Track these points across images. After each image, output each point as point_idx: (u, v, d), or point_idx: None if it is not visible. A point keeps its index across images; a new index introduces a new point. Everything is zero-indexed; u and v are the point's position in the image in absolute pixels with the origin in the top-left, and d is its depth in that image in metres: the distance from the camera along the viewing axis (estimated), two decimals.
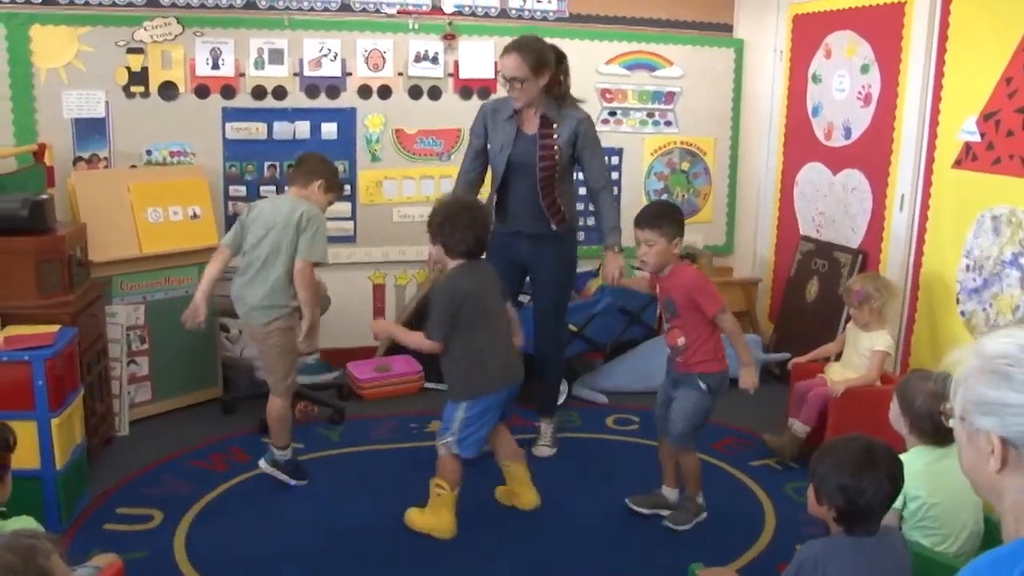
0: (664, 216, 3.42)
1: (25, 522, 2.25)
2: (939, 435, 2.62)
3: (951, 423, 1.33)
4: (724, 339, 3.48)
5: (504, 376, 3.42)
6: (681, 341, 3.45)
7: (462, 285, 3.31)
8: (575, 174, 4.08)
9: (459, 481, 3.44)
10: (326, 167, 3.82)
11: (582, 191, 4.17)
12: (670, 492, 3.62)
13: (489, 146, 3.98)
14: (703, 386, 3.44)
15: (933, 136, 4.34)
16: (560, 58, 3.89)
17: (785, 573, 2.24)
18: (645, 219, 3.42)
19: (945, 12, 4.24)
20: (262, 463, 3.84)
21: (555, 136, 3.83)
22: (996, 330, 1.32)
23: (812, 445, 3.85)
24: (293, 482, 3.81)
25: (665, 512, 3.58)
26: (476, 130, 4.04)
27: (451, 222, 3.33)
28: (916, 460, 2.60)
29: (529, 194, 3.87)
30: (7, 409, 3.21)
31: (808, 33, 5.31)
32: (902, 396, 2.71)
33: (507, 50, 3.79)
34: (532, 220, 3.91)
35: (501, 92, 4.17)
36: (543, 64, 3.77)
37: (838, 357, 4.29)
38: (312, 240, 3.62)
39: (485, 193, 4.20)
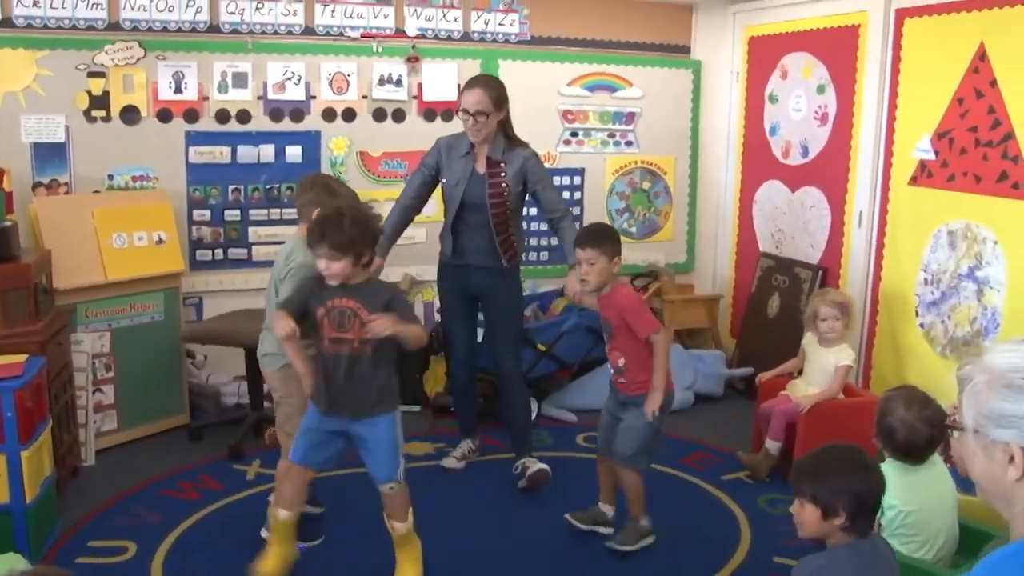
0: (604, 235, 3.47)
1: (12, 559, 2.20)
2: (912, 457, 2.73)
3: (955, 435, 1.39)
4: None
5: None
6: (621, 362, 3.47)
7: None
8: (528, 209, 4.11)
9: None
10: (299, 198, 3.45)
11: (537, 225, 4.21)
12: (607, 508, 3.63)
13: (444, 181, 4.02)
14: None
15: (889, 154, 4.47)
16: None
17: None
18: (586, 239, 3.45)
19: (898, 35, 4.38)
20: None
21: (503, 175, 3.91)
22: (999, 346, 1.38)
23: (785, 461, 3.93)
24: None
25: (603, 529, 3.58)
26: (428, 162, 4.05)
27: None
28: (890, 471, 2.67)
29: (481, 229, 3.93)
30: None
31: (764, 55, 5.44)
32: (881, 423, 2.77)
33: (471, 85, 3.87)
34: (482, 255, 3.96)
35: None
36: (503, 99, 3.88)
37: (800, 373, 4.35)
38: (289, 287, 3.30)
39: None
